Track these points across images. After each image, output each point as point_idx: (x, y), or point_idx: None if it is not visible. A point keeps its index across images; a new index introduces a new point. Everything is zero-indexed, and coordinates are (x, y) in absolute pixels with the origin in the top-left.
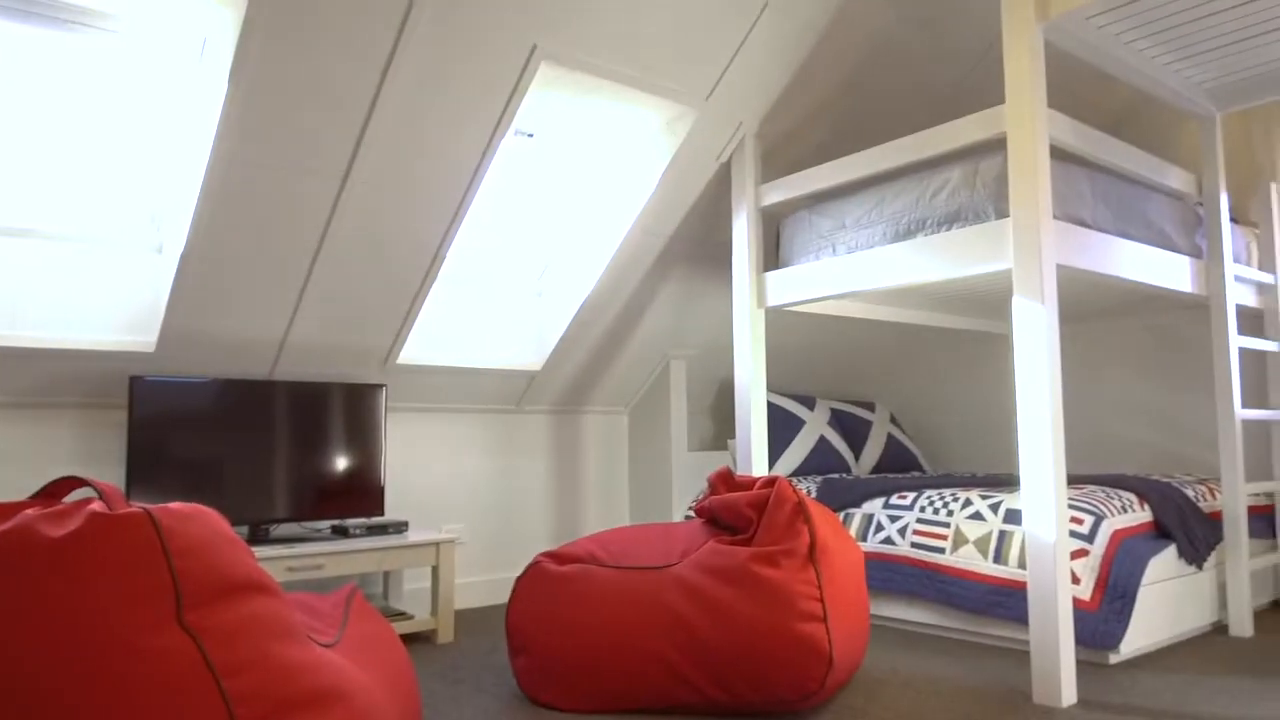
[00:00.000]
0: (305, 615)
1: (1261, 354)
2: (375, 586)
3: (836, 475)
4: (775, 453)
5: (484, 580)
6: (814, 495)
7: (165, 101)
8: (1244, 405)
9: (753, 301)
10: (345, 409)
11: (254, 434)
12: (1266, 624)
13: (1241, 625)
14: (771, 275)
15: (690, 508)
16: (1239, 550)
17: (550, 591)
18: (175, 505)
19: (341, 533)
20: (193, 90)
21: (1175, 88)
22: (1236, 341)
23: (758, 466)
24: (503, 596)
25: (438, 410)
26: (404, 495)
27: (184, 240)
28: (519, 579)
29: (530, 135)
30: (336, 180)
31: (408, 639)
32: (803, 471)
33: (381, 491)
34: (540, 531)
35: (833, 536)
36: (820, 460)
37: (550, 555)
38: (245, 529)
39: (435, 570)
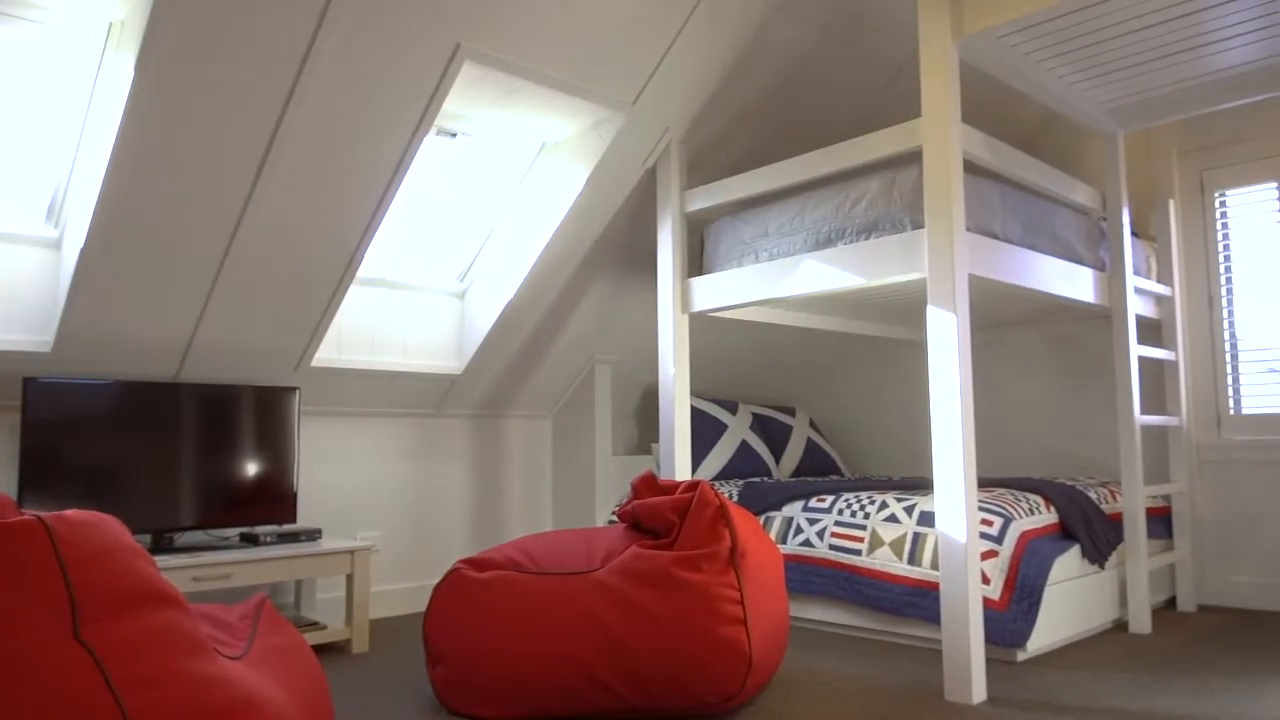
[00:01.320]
0: (211, 627)
1: (1159, 362)
2: (287, 596)
3: (758, 479)
4: (698, 457)
5: (401, 588)
6: (736, 499)
7: (65, 89)
8: (1143, 411)
9: (677, 307)
10: (256, 412)
11: (158, 438)
12: (1163, 621)
13: (1140, 622)
14: (696, 281)
15: (613, 512)
16: (1138, 550)
17: (469, 599)
18: (71, 513)
19: (251, 541)
20: (96, 77)
21: (1081, 106)
22: (1136, 350)
23: (681, 470)
24: (421, 605)
25: (354, 414)
26: (318, 502)
27: (84, 235)
28: (437, 586)
29: (453, 135)
30: (249, 176)
31: (321, 650)
32: (725, 475)
33: (294, 498)
34: (460, 538)
35: (753, 540)
36: (742, 464)
37: (470, 562)
38: (148, 538)
39: (350, 579)
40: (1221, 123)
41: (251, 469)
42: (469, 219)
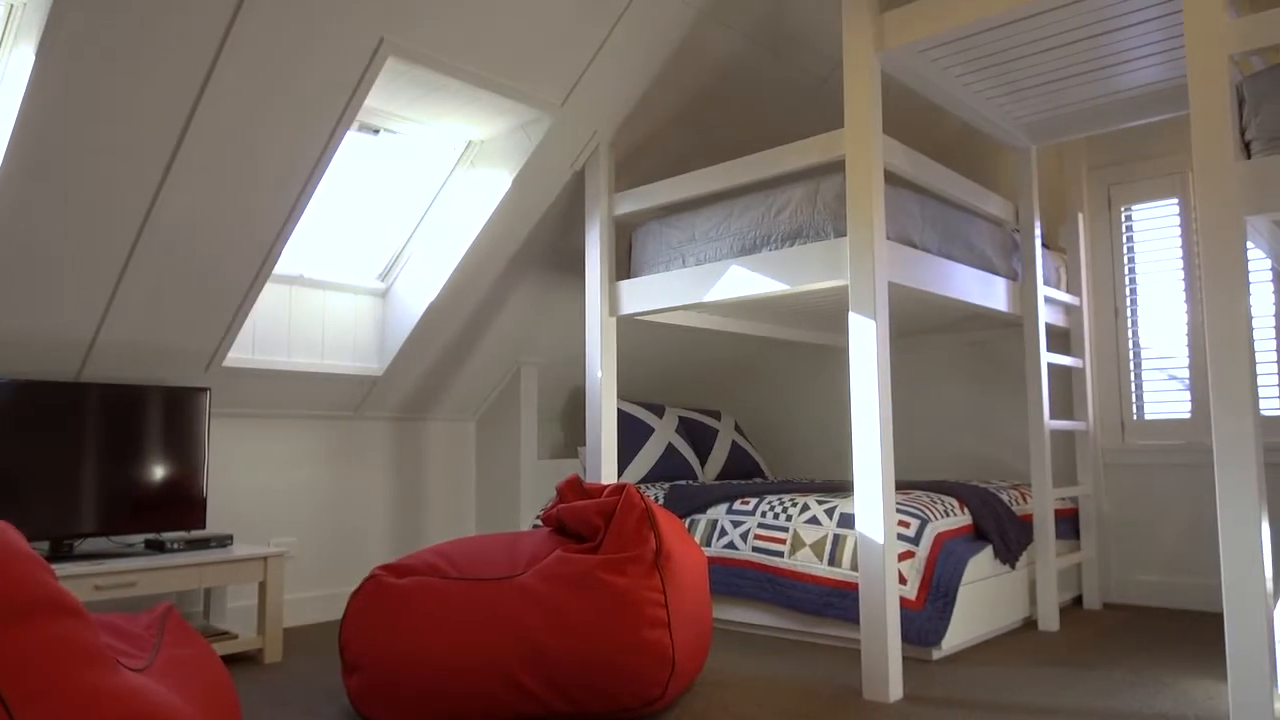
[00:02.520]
0: (113, 638)
1: (1067, 369)
2: (195, 605)
3: (684, 482)
4: (625, 460)
5: (317, 596)
6: (662, 502)
7: None
8: (1052, 417)
9: (604, 310)
10: (164, 414)
11: (58, 440)
12: (1070, 619)
13: (1049, 620)
14: (624, 284)
15: (538, 517)
16: (1047, 551)
17: (387, 605)
18: None
19: (157, 547)
20: None
21: (997, 121)
22: (1045, 358)
23: (607, 474)
24: (338, 613)
25: (268, 416)
26: (229, 507)
27: None
28: (354, 593)
29: (376, 132)
30: (158, 168)
31: (231, 660)
32: (651, 478)
33: (203, 503)
34: (380, 544)
35: (678, 542)
36: (668, 467)
37: (388, 568)
38: (46, 545)
39: (262, 586)
40: (1128, 140)
41: (158, 473)
42: (391, 217)
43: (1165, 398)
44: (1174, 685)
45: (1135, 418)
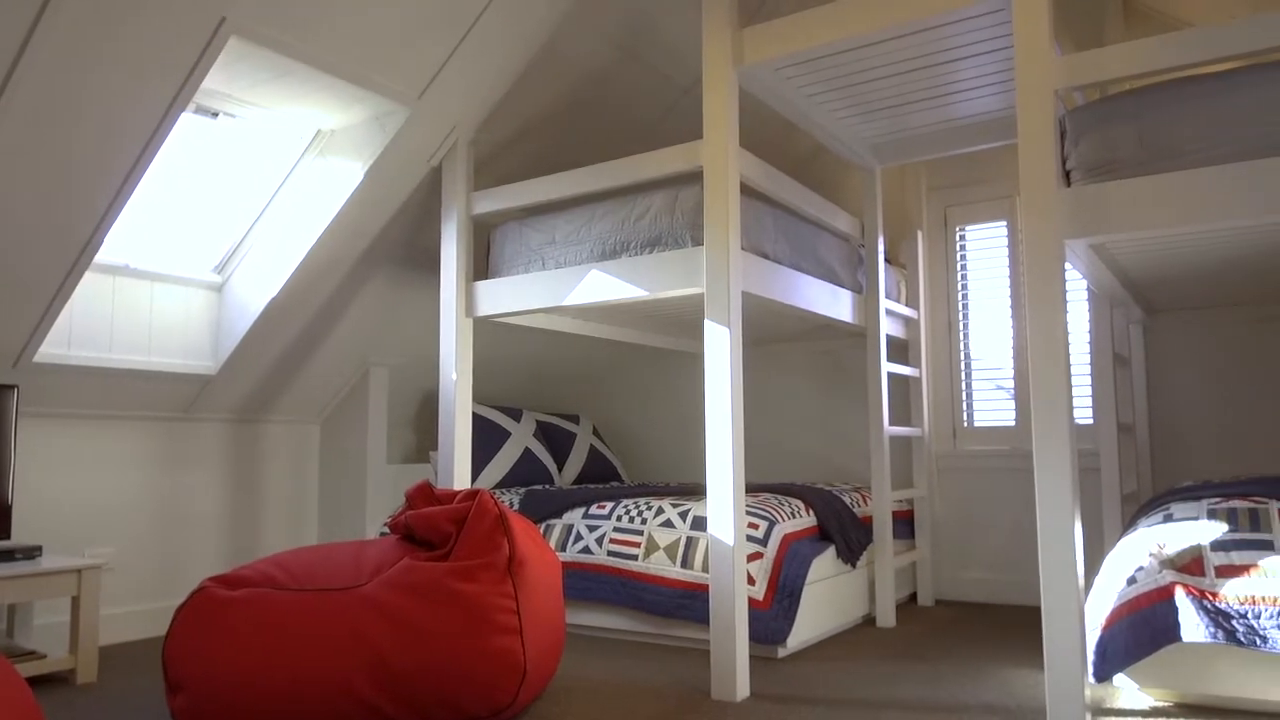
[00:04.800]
0: None
1: (906, 378)
2: None
3: (540, 487)
4: (480, 465)
5: (140, 610)
6: (516, 507)
7: None
8: (891, 423)
9: (460, 310)
10: None
11: None
12: (905, 615)
13: (886, 617)
14: (481, 285)
15: (385, 524)
16: (885, 550)
17: (217, 619)
18: None
19: None
20: None
21: (846, 141)
22: (886, 368)
23: (460, 479)
24: (163, 629)
25: (87, 416)
26: (39, 516)
27: None
28: (180, 607)
29: (214, 115)
30: None
31: (38, 681)
32: (507, 483)
33: (8, 511)
34: (211, 555)
35: (532, 548)
36: (525, 472)
37: (219, 579)
38: None
39: (75, 601)
40: (964, 165)
41: None
42: (230, 206)
43: (993, 406)
44: (998, 675)
45: (966, 425)
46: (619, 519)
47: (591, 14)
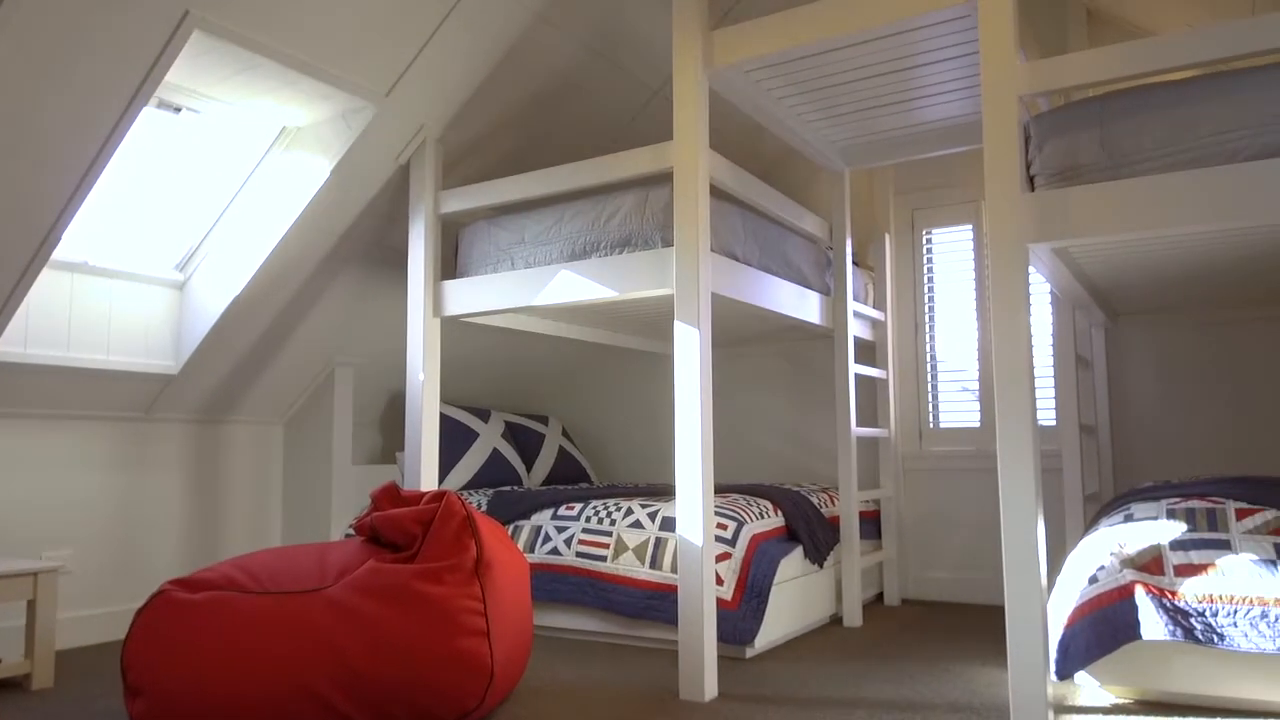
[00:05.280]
0: None
1: (873, 380)
2: None
3: (508, 488)
4: (447, 466)
5: (99, 614)
6: (484, 509)
7: None
8: (858, 424)
9: (428, 310)
10: None
11: None
12: (872, 615)
13: (853, 616)
14: (449, 284)
15: (350, 526)
16: (852, 550)
17: (178, 623)
18: None
19: None
20: None
21: (814, 144)
22: (853, 369)
23: (427, 480)
24: (123, 633)
25: (44, 417)
26: None
27: None
28: (140, 610)
29: (177, 110)
30: None
31: None
32: (475, 485)
33: None
34: (172, 557)
35: (500, 550)
36: (493, 473)
37: (180, 582)
38: None
39: (31, 605)
40: (931, 169)
41: None
42: (193, 203)
43: (958, 408)
44: (962, 674)
45: (931, 426)
46: (588, 520)
47: (562, 14)
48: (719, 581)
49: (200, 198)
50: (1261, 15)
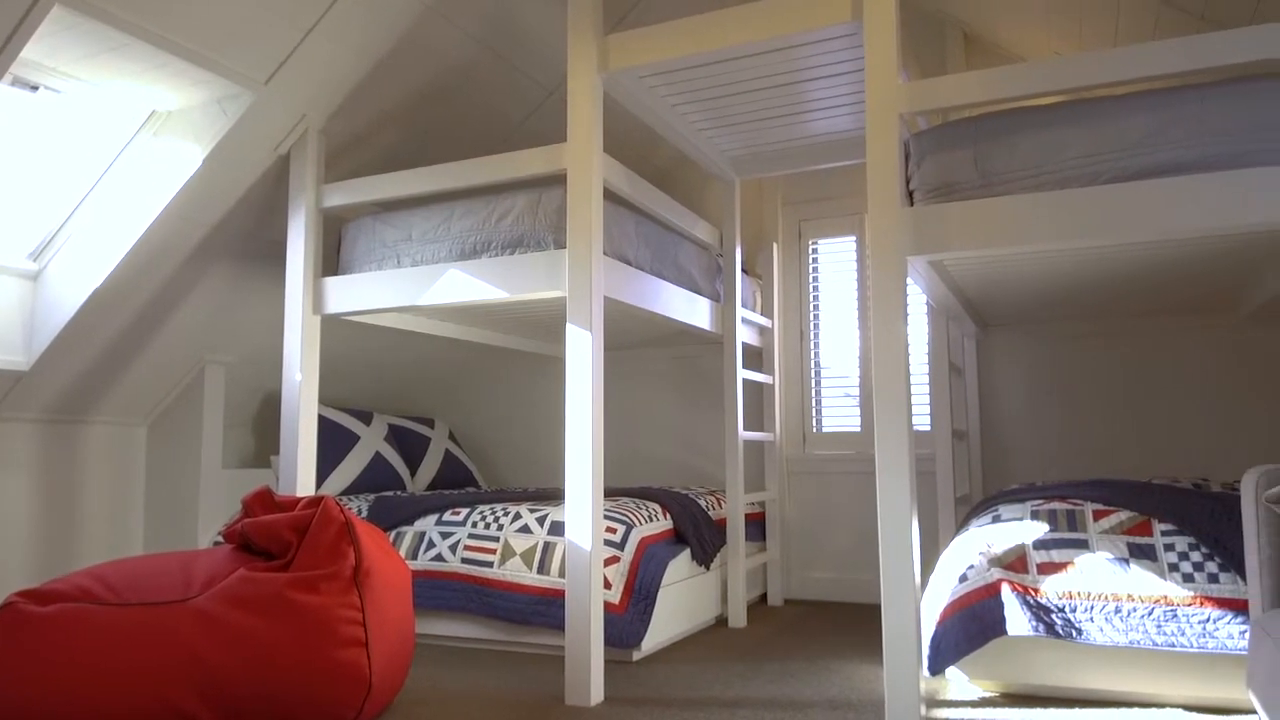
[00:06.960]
0: None
1: (759, 385)
2: None
3: (391, 493)
4: (326, 470)
5: None
6: (365, 515)
7: None
8: (745, 428)
9: (307, 308)
10: None
11: None
12: (756, 615)
13: (738, 617)
14: (330, 281)
15: (220, 533)
16: (738, 552)
17: (25, 638)
18: None
19: None
20: None
21: (706, 152)
22: (741, 374)
23: (304, 485)
24: None
25: None
26: None
27: None
28: None
29: (34, 88)
30: None
31: None
32: (355, 489)
33: None
34: (19, 568)
35: (381, 557)
36: (375, 477)
37: (28, 594)
38: None
39: None
40: (818, 181)
41: None
42: (50, 188)
43: (841, 412)
44: (842, 671)
45: (815, 430)
46: (474, 525)
47: (455, 7)
48: (607, 585)
49: (59, 182)
50: (1122, 46)
